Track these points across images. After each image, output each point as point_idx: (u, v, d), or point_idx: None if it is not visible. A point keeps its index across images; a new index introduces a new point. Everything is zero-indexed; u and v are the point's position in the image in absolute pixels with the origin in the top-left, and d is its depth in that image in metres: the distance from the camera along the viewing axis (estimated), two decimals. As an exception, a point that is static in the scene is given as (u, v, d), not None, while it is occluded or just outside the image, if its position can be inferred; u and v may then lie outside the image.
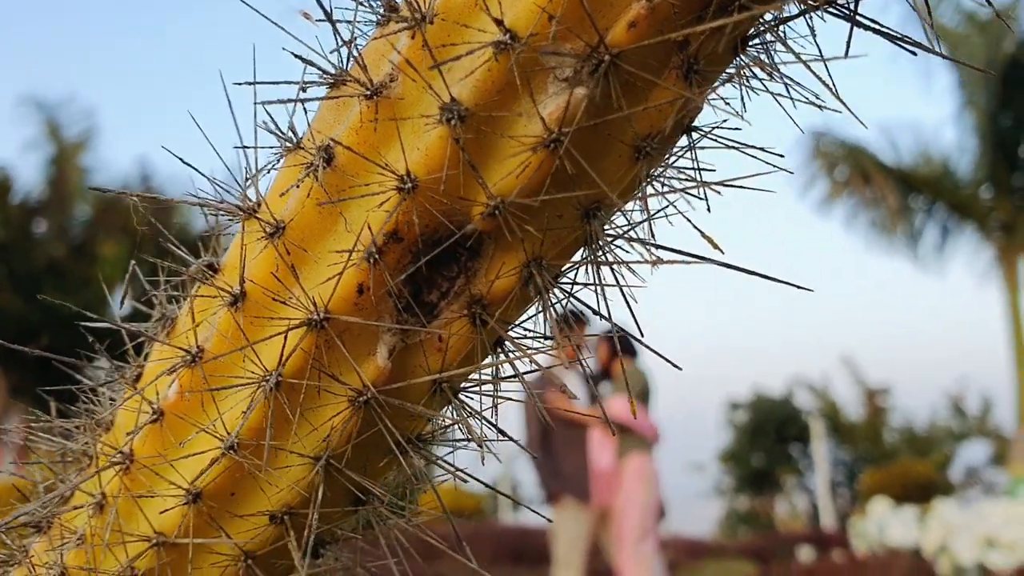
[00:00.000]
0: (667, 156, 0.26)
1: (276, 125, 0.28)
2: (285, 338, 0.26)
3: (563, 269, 0.27)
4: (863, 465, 8.82)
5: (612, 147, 0.25)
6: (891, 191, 7.12)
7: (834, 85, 0.25)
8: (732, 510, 9.31)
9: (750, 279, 0.27)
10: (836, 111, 0.25)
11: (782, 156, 0.26)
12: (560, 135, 0.23)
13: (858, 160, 7.11)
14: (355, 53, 0.26)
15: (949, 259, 7.81)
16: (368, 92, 0.25)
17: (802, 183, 7.40)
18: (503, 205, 0.24)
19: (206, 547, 0.29)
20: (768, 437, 8.98)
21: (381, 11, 0.26)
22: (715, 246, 0.26)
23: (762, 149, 0.25)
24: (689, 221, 0.27)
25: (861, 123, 0.26)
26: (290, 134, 0.28)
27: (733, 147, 0.26)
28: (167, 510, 0.28)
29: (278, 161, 0.28)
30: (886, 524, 5.44)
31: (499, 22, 0.23)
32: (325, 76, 0.27)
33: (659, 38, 0.23)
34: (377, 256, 0.25)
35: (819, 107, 0.26)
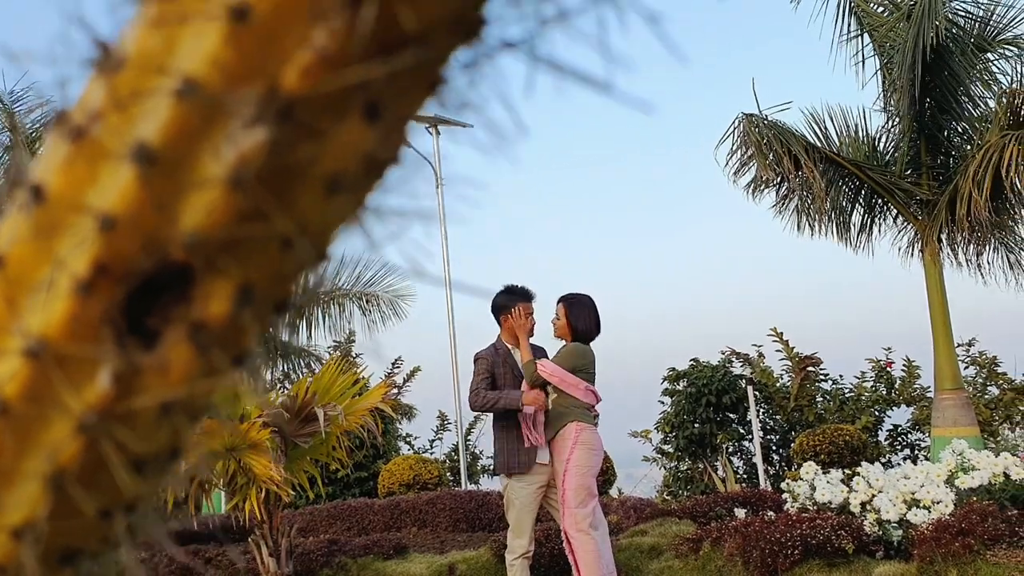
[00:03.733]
0: (374, 188, 0.28)
1: (6, 160, 0.29)
2: (-3, 368, 0.27)
3: (283, 295, 0.29)
4: (795, 429, 9.22)
5: (301, 184, 0.26)
6: (819, 173, 7.35)
7: (520, 125, 0.27)
8: (674, 474, 9.63)
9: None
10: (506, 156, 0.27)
11: (483, 189, 0.28)
12: (242, 175, 0.25)
13: (787, 144, 7.31)
14: (67, 94, 0.27)
15: (875, 237, 8.14)
16: (73, 132, 0.26)
17: (733, 166, 7.56)
18: (198, 241, 0.26)
19: (-47, 563, 0.30)
20: (707, 404, 9.28)
21: (96, 54, 0.27)
22: (423, 274, 0.28)
23: (434, 182, 0.28)
24: (408, 246, 0.29)
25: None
26: (17, 171, 0.29)
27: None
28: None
29: (7, 199, 0.29)
30: (815, 484, 5.72)
31: (180, 71, 0.24)
32: (50, 115, 0.28)
33: (334, 84, 0.25)
34: (88, 288, 0.26)
35: (505, 150, 0.28)
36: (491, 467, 9.13)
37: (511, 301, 4.21)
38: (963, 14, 7.60)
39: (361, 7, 0.24)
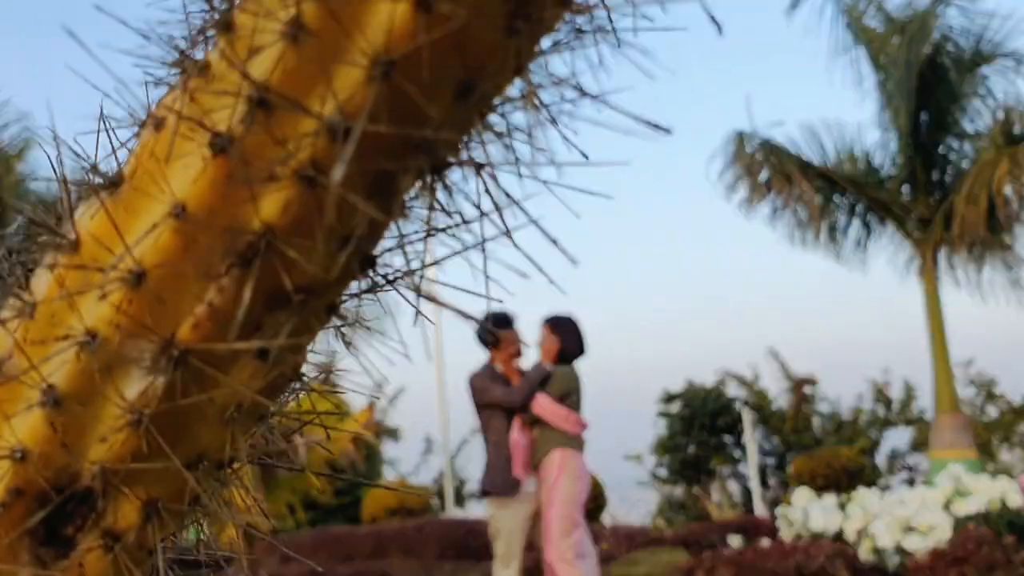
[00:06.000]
0: (265, 417, 0.30)
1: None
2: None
3: (185, 506, 0.31)
4: (792, 453, 9.17)
5: (197, 420, 0.28)
6: (814, 190, 7.34)
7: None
8: (667, 499, 9.56)
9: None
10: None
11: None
12: (141, 416, 0.27)
13: (781, 161, 7.31)
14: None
15: (871, 255, 8.10)
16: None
17: (726, 184, 7.56)
18: (102, 472, 0.28)
19: None
20: (701, 427, 9.23)
21: (14, 296, 0.29)
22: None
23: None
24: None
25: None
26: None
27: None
28: None
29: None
30: (810, 511, 5.69)
31: (83, 327, 0.27)
32: None
33: (222, 349, 0.27)
34: (3, 508, 0.29)
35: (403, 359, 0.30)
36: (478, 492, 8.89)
37: (496, 330, 4.23)
38: (959, 30, 7.61)
39: (247, 274, 0.26)
